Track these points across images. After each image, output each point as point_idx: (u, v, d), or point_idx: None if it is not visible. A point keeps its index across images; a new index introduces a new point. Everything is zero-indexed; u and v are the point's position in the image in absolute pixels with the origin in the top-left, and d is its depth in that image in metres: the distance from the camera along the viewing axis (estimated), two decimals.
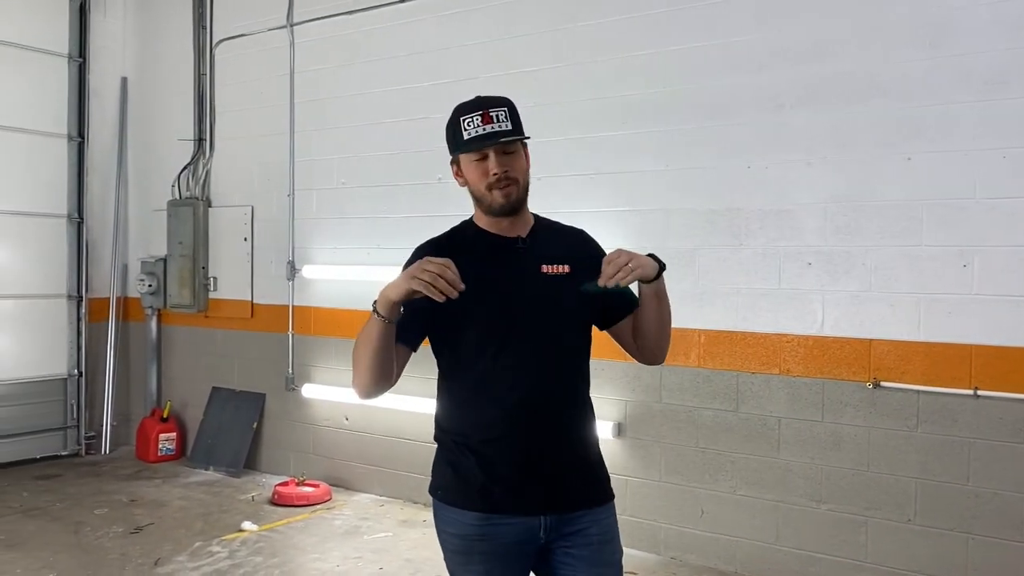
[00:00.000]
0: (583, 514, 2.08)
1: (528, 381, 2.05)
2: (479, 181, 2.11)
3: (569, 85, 4.86)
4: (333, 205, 5.91)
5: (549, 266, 2.13)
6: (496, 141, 2.07)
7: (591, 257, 2.13)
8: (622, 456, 4.67)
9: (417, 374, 5.41)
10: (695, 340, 4.44)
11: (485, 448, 2.05)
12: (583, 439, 2.16)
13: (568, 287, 2.11)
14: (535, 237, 2.18)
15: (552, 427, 2.08)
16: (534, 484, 2.04)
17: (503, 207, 2.11)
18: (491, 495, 2.03)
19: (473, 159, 2.11)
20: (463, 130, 2.10)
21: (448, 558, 2.13)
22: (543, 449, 2.06)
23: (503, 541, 2.04)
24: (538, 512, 2.04)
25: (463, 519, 2.05)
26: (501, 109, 2.13)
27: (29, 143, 6.57)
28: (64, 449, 6.76)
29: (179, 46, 6.82)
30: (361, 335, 2.00)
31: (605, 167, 4.72)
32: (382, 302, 1.93)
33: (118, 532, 4.89)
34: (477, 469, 2.04)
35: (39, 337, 6.65)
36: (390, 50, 5.63)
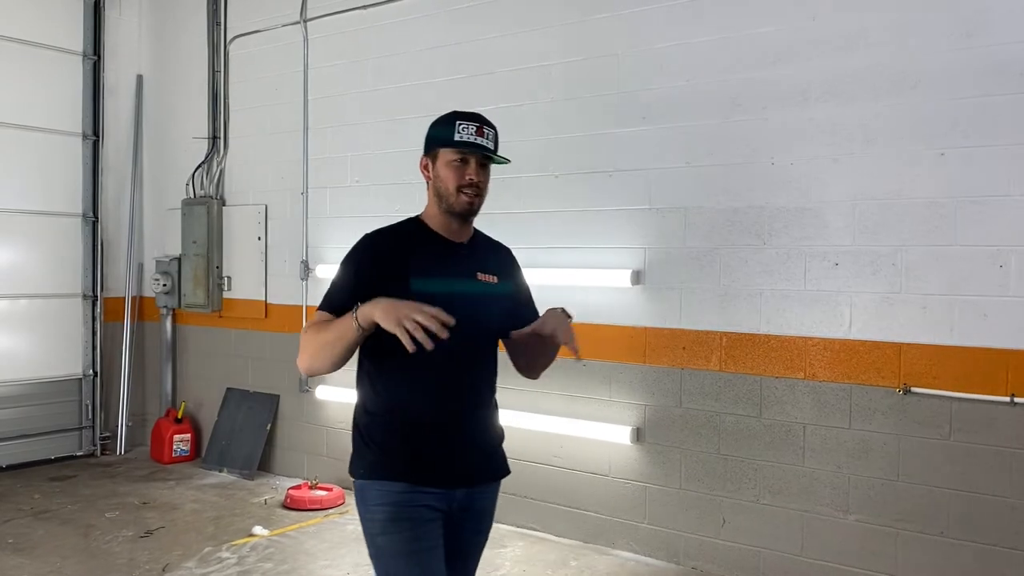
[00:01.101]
0: (482, 489, 2.37)
1: (456, 371, 2.27)
2: (452, 181, 2.28)
3: (587, 80, 4.71)
4: (347, 203, 5.81)
5: (483, 274, 2.38)
6: (483, 152, 2.29)
7: (512, 274, 2.50)
8: (640, 462, 4.53)
9: None
10: (717, 343, 4.28)
11: (413, 429, 2.25)
12: (493, 424, 2.45)
13: (497, 294, 2.39)
14: (474, 246, 2.41)
15: (472, 413, 2.34)
16: (454, 462, 2.28)
17: (464, 211, 2.30)
18: (417, 469, 2.23)
19: (454, 160, 2.29)
20: (456, 132, 2.28)
21: (378, 531, 2.25)
22: (463, 432, 2.31)
23: (424, 508, 2.23)
24: (454, 486, 2.28)
25: (391, 489, 2.22)
26: (492, 130, 2.35)
27: (44, 142, 6.53)
28: (79, 449, 6.72)
29: (194, 43, 6.76)
30: (330, 334, 2.16)
31: (623, 164, 4.57)
32: (366, 319, 2.08)
33: (128, 536, 4.82)
34: (406, 447, 2.24)
35: (54, 337, 6.62)
36: (404, 45, 5.51)
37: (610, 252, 4.60)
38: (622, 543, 4.59)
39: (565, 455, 4.80)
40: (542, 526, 4.88)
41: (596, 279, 4.61)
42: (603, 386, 4.65)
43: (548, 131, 4.85)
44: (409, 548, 2.21)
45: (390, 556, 2.24)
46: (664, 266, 4.44)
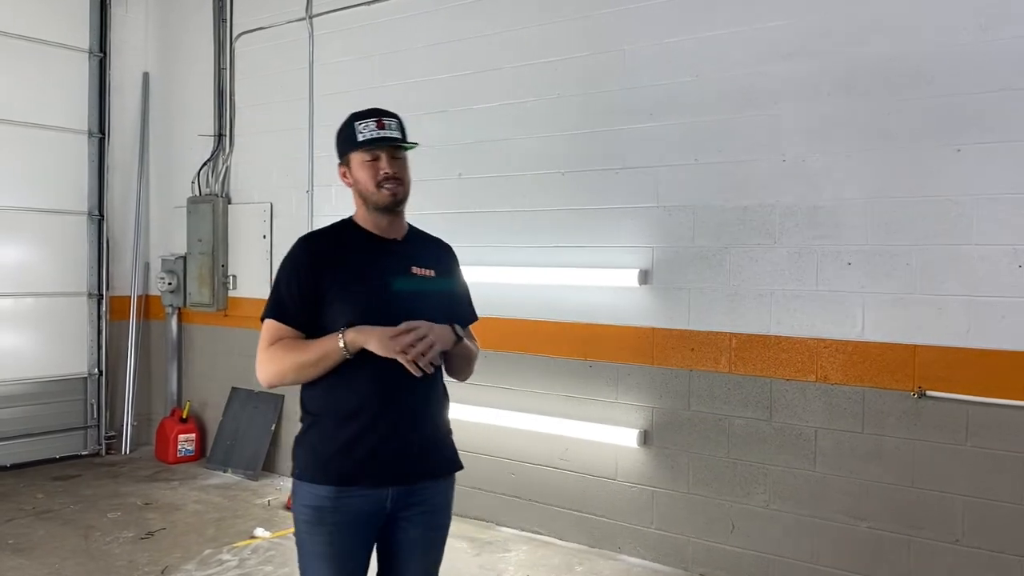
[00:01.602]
0: (427, 485, 2.34)
1: (391, 366, 2.22)
2: (369, 180, 2.33)
3: (593, 75, 4.62)
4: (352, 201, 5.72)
5: (418, 268, 2.40)
6: (390, 144, 2.33)
7: (451, 269, 2.53)
8: (648, 466, 4.43)
9: None
10: (725, 344, 4.18)
11: (345, 426, 2.26)
12: (433, 420, 2.40)
13: (433, 288, 2.41)
14: (408, 241, 2.45)
15: (405, 410, 2.30)
16: (384, 461, 2.26)
17: (389, 204, 2.34)
18: (345, 470, 2.25)
19: (365, 160, 2.33)
20: (358, 133, 2.33)
21: (302, 530, 2.31)
22: (395, 429, 2.28)
23: (353, 511, 2.25)
24: (386, 484, 2.27)
25: (318, 492, 2.25)
26: (393, 119, 2.38)
27: (50, 139, 6.50)
28: (84, 449, 6.69)
29: (200, 40, 6.71)
30: (309, 355, 2.23)
31: (631, 161, 4.48)
32: (354, 346, 2.18)
33: (128, 537, 4.77)
34: (334, 447, 2.26)
35: (60, 335, 6.58)
36: (409, 41, 5.44)
37: (617, 251, 4.51)
38: (629, 548, 4.49)
39: (570, 458, 4.71)
40: (547, 530, 4.80)
41: (602, 278, 4.52)
42: (609, 387, 4.56)
43: (554, 127, 4.77)
44: (324, 552, 2.27)
45: (308, 555, 2.32)
46: (672, 265, 4.34)
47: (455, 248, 2.62)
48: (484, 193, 5.10)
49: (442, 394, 2.45)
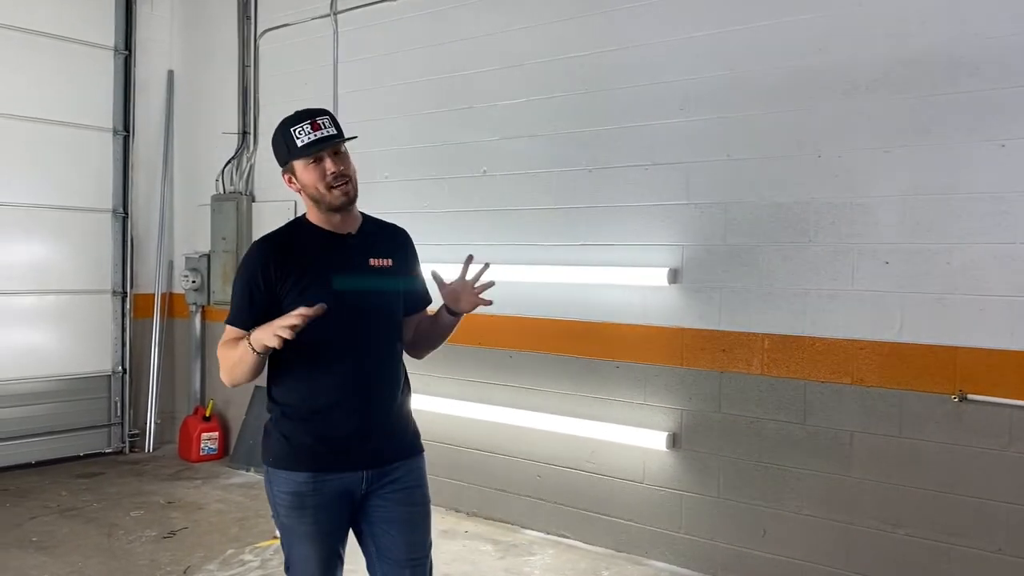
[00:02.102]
0: (397, 466, 2.44)
1: (354, 358, 2.37)
2: (317, 182, 2.35)
3: (622, 69, 4.53)
4: (375, 199, 5.60)
5: (376, 259, 2.45)
6: (331, 143, 2.34)
7: (408, 255, 2.57)
8: (676, 469, 4.34)
9: (458, 376, 5.18)
10: (758, 345, 4.08)
11: (314, 417, 2.37)
12: (399, 406, 2.49)
13: (392, 277, 2.47)
14: (363, 233, 2.47)
15: (372, 397, 2.41)
16: (356, 446, 2.37)
17: (343, 203, 2.37)
18: (319, 457, 2.36)
19: (309, 163, 2.34)
20: (295, 138, 2.33)
21: (283, 515, 2.41)
22: (364, 416, 2.39)
23: (330, 493, 2.36)
24: (360, 468, 2.38)
25: (296, 479, 2.35)
26: (325, 117, 2.38)
27: (75, 137, 6.51)
28: (108, 447, 6.69)
29: (224, 38, 6.69)
30: (235, 355, 2.31)
31: (660, 157, 4.39)
32: (258, 345, 2.23)
33: (151, 536, 4.74)
34: (307, 436, 2.36)
35: (84, 333, 6.59)
36: (434, 37, 5.37)
37: (646, 249, 4.41)
38: (656, 553, 4.40)
39: (597, 460, 4.62)
40: (572, 533, 4.71)
41: (631, 277, 4.42)
42: (637, 389, 4.47)
43: (581, 123, 4.68)
44: (308, 531, 2.38)
45: (291, 533, 2.42)
46: (703, 264, 4.24)
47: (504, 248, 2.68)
48: (509, 190, 5.02)
49: (405, 380, 2.54)
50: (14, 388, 6.20)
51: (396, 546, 2.45)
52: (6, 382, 6.15)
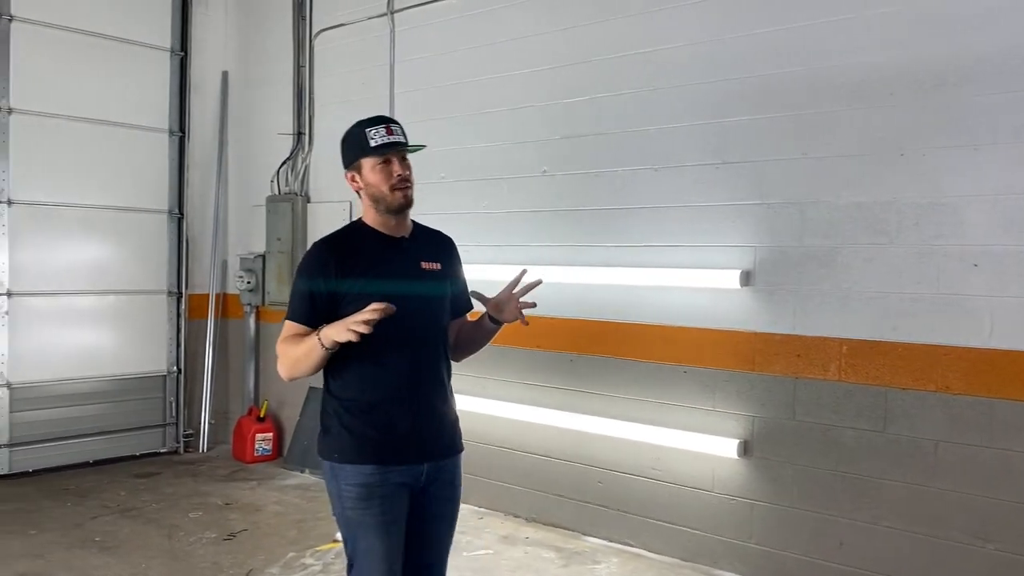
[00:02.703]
0: (446, 463, 2.61)
1: (409, 355, 2.50)
2: (382, 183, 2.49)
3: (692, 66, 4.41)
4: (432, 200, 5.60)
5: (427, 263, 2.60)
6: (402, 149, 2.51)
7: (454, 261, 2.72)
8: (747, 478, 4.21)
9: (516, 379, 5.10)
10: (835, 350, 3.93)
11: (374, 411, 2.48)
12: (448, 403, 2.64)
13: (441, 279, 2.62)
14: (415, 238, 2.62)
15: (429, 393, 2.55)
16: (415, 440, 2.51)
17: (402, 205, 2.52)
18: (384, 450, 2.47)
19: (378, 164, 2.49)
20: (369, 138, 2.49)
21: (349, 506, 2.48)
22: (420, 411, 2.52)
23: (395, 484, 2.48)
24: (420, 461, 2.52)
25: (363, 471, 2.45)
26: (397, 125, 2.55)
27: (132, 138, 6.54)
28: (163, 446, 6.71)
29: (279, 38, 6.69)
30: (300, 351, 2.42)
31: (732, 155, 4.26)
32: (329, 341, 2.34)
33: (211, 538, 4.72)
34: (370, 429, 2.47)
35: (140, 333, 6.62)
36: (493, 36, 5.30)
37: (716, 251, 4.29)
38: (726, 563, 4.27)
39: (663, 467, 4.51)
40: (637, 542, 4.60)
41: (701, 280, 4.30)
42: (706, 395, 4.35)
43: (648, 121, 4.57)
44: (375, 522, 2.46)
45: (358, 526, 2.49)
46: (777, 266, 4.11)
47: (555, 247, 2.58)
48: (571, 190, 4.93)
49: (450, 377, 2.68)
50: (74, 388, 6.24)
51: (431, 540, 2.61)
52: (66, 381, 6.20)
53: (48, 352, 6.10)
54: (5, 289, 5.87)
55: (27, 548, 4.50)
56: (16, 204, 5.91)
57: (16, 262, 5.92)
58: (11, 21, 5.85)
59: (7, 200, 5.87)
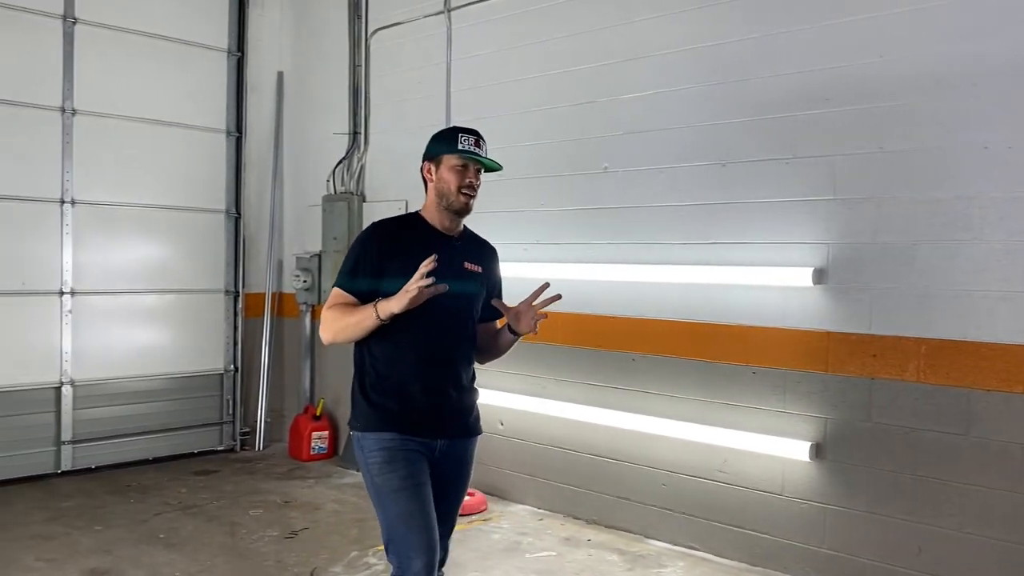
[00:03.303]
0: (459, 442, 2.81)
1: (439, 343, 2.72)
2: (453, 182, 2.70)
3: (758, 59, 4.31)
4: (489, 198, 5.49)
5: (470, 264, 2.81)
6: (482, 161, 2.74)
7: (493, 268, 2.95)
8: (819, 481, 4.09)
9: (577, 379, 5.03)
10: (913, 350, 3.80)
11: (399, 388, 2.68)
12: (466, 390, 2.83)
13: (479, 281, 2.83)
14: (464, 240, 2.84)
15: (448, 378, 2.76)
16: (433, 418, 2.71)
17: (461, 208, 2.73)
18: (405, 422, 2.67)
19: (456, 165, 2.71)
20: (459, 141, 2.70)
21: (376, 472, 2.65)
22: (441, 394, 2.73)
23: (413, 450, 2.66)
24: (435, 437, 2.72)
25: (384, 437, 2.64)
26: (485, 144, 2.78)
27: (190, 138, 6.61)
28: (220, 444, 6.77)
29: (334, 38, 6.70)
30: (352, 319, 2.61)
31: (803, 150, 4.15)
32: (385, 312, 2.53)
33: (273, 536, 4.73)
34: (395, 404, 2.67)
35: (198, 332, 6.68)
36: (551, 32, 5.24)
37: (787, 248, 4.18)
38: (796, 569, 4.16)
39: (730, 470, 4.41)
40: (703, 545, 4.51)
41: (770, 278, 4.20)
42: (775, 396, 4.24)
43: (713, 115, 4.48)
44: (403, 484, 2.62)
45: (387, 492, 2.63)
46: (851, 263, 3.99)
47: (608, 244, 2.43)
48: (632, 187, 4.85)
49: (474, 367, 2.89)
50: (134, 385, 6.32)
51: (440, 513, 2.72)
52: (127, 379, 6.28)
53: (109, 350, 6.18)
54: (69, 288, 5.96)
55: (96, 544, 4.55)
56: (79, 204, 6.00)
57: (79, 261, 6.01)
58: (75, 24, 5.94)
59: (71, 200, 5.96)
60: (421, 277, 2.45)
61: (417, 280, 2.45)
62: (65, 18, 5.91)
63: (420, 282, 2.44)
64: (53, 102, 5.88)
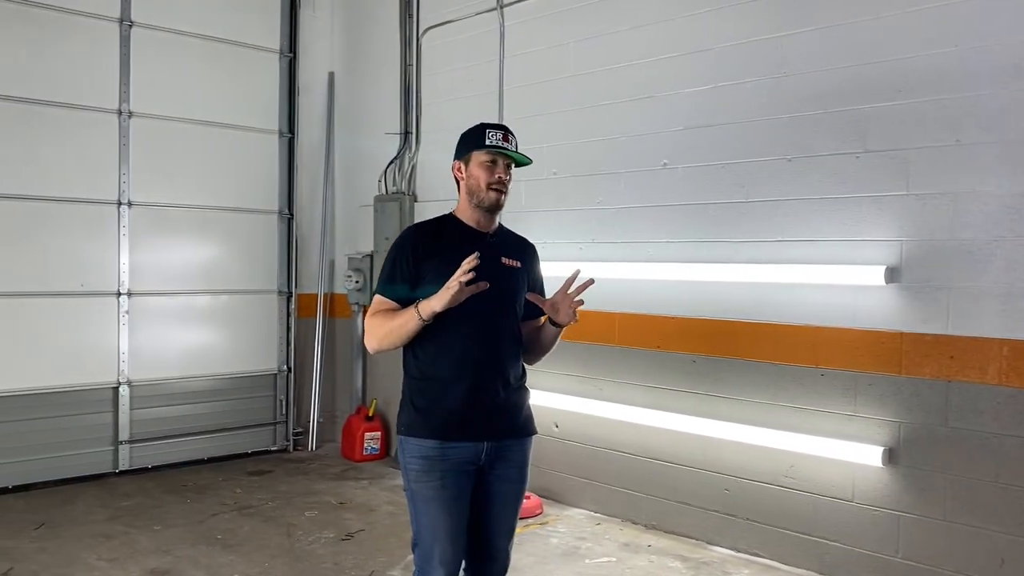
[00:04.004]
0: (510, 443, 2.73)
1: (483, 341, 2.67)
2: (483, 179, 2.69)
3: (827, 50, 4.16)
4: (543, 197, 5.50)
5: (507, 259, 2.77)
6: (511, 155, 2.72)
7: (533, 263, 2.90)
8: (893, 488, 3.93)
9: (636, 381, 4.93)
10: (995, 352, 3.63)
11: (442, 389, 2.65)
12: (517, 387, 2.77)
13: (518, 277, 2.80)
14: (499, 236, 2.82)
15: (495, 377, 2.69)
16: (478, 418, 2.65)
17: (492, 204, 2.70)
18: (446, 426, 2.63)
19: (485, 161, 2.69)
20: (487, 137, 2.69)
21: (413, 479, 2.66)
22: (485, 394, 2.67)
23: (456, 460, 2.62)
24: (481, 439, 2.66)
25: (425, 445, 2.63)
26: (515, 138, 2.77)
27: (243, 140, 6.63)
28: (273, 444, 6.79)
29: (385, 38, 6.68)
30: (394, 323, 2.60)
31: (874, 143, 4.00)
32: (427, 312, 2.53)
33: (329, 538, 4.70)
34: (437, 407, 2.64)
35: (251, 332, 6.70)
36: (608, 25, 5.14)
37: (857, 246, 4.03)
38: None
39: (797, 475, 4.27)
40: (768, 553, 4.37)
41: (840, 276, 4.05)
42: (845, 399, 4.09)
43: (777, 110, 4.34)
44: (437, 495, 2.61)
45: (421, 500, 2.64)
46: (926, 261, 3.83)
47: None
48: (693, 184, 4.73)
49: (522, 365, 2.83)
50: (189, 385, 6.36)
51: (493, 520, 2.73)
52: (182, 379, 6.32)
53: (165, 350, 6.22)
54: (126, 289, 6.02)
55: (155, 544, 4.57)
56: (135, 206, 6.05)
57: (135, 262, 6.06)
58: (131, 27, 5.99)
59: (127, 202, 6.01)
60: (463, 273, 2.43)
61: (459, 276, 2.44)
62: (122, 21, 5.96)
63: (462, 278, 2.43)
64: (110, 105, 5.93)
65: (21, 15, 5.56)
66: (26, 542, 4.56)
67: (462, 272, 2.43)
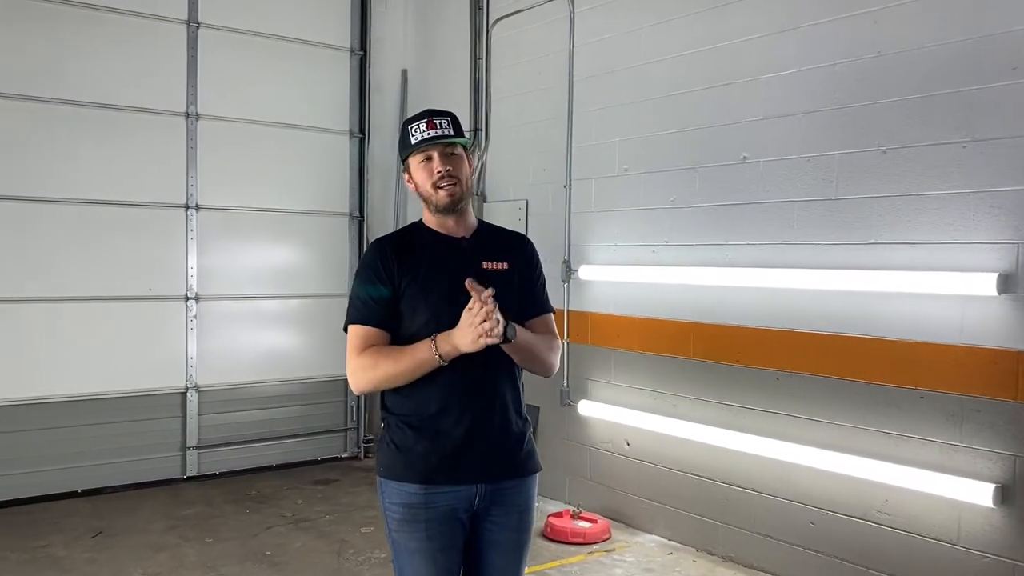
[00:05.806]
0: (510, 484, 2.33)
1: (471, 364, 2.22)
2: (426, 181, 2.34)
3: (923, 27, 3.61)
4: (614, 195, 5.11)
5: (490, 263, 2.38)
6: (438, 142, 2.32)
7: (526, 260, 2.47)
8: (1006, 532, 3.36)
9: (712, 398, 4.48)
10: None
11: (426, 426, 2.27)
12: (510, 417, 2.35)
13: (506, 280, 2.35)
14: (477, 238, 2.43)
15: (486, 406, 2.30)
16: (469, 458, 2.27)
17: (447, 205, 2.33)
18: (430, 468, 2.26)
19: (420, 161, 2.34)
20: (410, 136, 2.34)
21: (394, 528, 2.30)
22: (477, 426, 2.27)
23: (444, 507, 2.26)
24: (473, 482, 2.27)
25: (407, 490, 2.26)
26: (444, 118, 2.37)
27: (312, 141, 6.51)
28: (344, 452, 6.65)
29: (456, 31, 6.42)
30: (403, 365, 2.21)
31: (984, 131, 3.43)
32: (450, 351, 2.16)
33: (379, 559, 4.46)
34: (418, 445, 2.27)
35: (321, 337, 6.56)
36: (683, 8, 4.70)
37: (964, 249, 3.48)
38: None
39: (891, 511, 3.74)
40: None
41: (944, 285, 3.50)
42: (949, 426, 3.54)
43: (870, 93, 3.81)
44: (422, 547, 2.27)
45: (403, 552, 2.31)
46: None
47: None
48: (776, 179, 4.24)
49: (519, 389, 2.41)
50: (258, 391, 6.28)
51: (491, 571, 2.37)
52: (250, 385, 6.24)
53: (233, 355, 6.16)
54: (194, 293, 5.97)
55: (202, 559, 4.44)
56: (203, 209, 6.00)
57: (203, 266, 6.01)
58: (198, 28, 5.94)
59: (195, 205, 5.97)
60: (482, 304, 2.08)
61: (482, 312, 2.08)
62: (189, 23, 5.91)
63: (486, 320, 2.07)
64: (177, 107, 5.90)
65: (89, 20, 5.57)
66: (79, 551, 4.52)
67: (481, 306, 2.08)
